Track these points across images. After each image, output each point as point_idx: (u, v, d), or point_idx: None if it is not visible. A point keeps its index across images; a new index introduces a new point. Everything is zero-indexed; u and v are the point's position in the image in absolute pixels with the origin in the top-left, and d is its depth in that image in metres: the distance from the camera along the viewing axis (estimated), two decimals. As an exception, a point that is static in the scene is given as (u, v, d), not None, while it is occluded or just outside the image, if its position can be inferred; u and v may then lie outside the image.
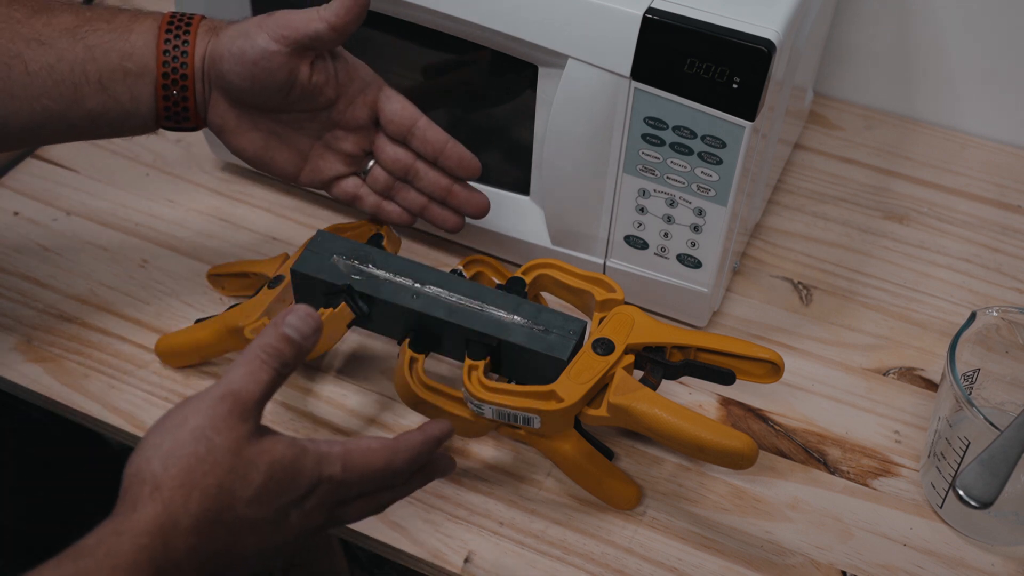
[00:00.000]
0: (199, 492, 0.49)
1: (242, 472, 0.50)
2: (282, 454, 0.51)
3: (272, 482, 0.51)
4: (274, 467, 0.51)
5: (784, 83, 0.72)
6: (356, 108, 0.71)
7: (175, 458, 0.49)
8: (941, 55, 0.97)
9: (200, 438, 0.50)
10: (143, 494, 0.49)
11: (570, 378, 0.65)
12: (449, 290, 0.69)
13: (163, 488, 0.49)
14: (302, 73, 0.67)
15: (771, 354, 0.66)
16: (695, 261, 0.75)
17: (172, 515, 0.48)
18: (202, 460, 0.49)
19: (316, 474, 0.52)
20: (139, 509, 0.48)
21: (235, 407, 0.51)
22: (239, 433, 0.51)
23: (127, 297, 0.82)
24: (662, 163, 0.71)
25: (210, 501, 0.49)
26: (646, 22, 0.66)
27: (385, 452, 0.55)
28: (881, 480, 0.72)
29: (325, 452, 0.53)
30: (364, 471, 0.54)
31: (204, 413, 0.51)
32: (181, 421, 0.51)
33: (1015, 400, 0.72)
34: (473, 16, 0.70)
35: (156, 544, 0.47)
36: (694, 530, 0.69)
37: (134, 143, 0.95)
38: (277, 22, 0.65)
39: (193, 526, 0.48)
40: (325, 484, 0.53)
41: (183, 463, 0.49)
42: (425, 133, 0.71)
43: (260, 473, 0.50)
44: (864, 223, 0.91)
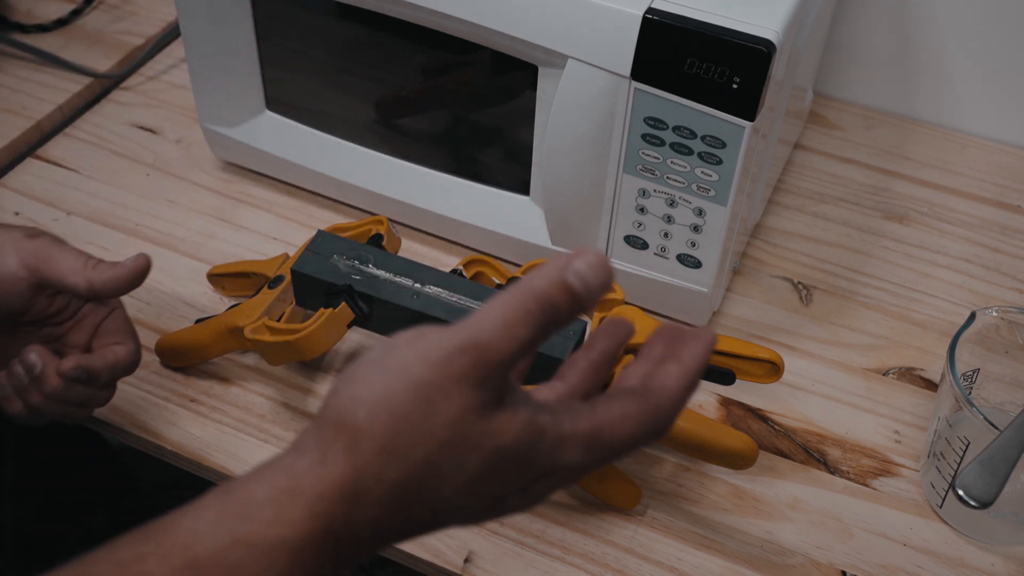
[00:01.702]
0: (400, 462, 0.39)
1: (460, 452, 0.40)
2: (514, 440, 0.41)
3: (493, 471, 0.41)
4: (501, 454, 0.41)
5: (784, 83, 0.72)
6: (81, 327, 0.67)
7: (384, 412, 0.39)
8: (941, 55, 0.97)
9: (421, 397, 0.39)
10: (338, 446, 0.40)
11: (570, 378, 0.64)
12: (449, 290, 0.69)
13: (362, 446, 0.39)
14: (40, 304, 0.64)
15: (771, 354, 0.66)
16: (695, 261, 0.75)
17: (362, 482, 0.40)
18: (415, 426, 0.39)
19: (551, 462, 0.42)
20: (327, 464, 0.40)
21: (475, 367, 0.40)
22: (470, 402, 0.40)
23: (127, 297, 0.82)
24: (662, 163, 0.71)
25: (410, 477, 0.40)
26: (646, 22, 0.66)
27: (645, 417, 0.43)
28: (881, 480, 0.73)
29: (568, 434, 0.42)
30: (615, 446, 0.43)
31: (434, 364, 0.40)
32: (402, 365, 0.40)
33: (1015, 400, 0.72)
34: (473, 16, 0.70)
35: (336, 513, 0.39)
36: (694, 530, 0.69)
37: (134, 143, 0.95)
38: (38, 256, 0.62)
39: (383, 499, 0.40)
40: (561, 472, 0.43)
41: (392, 423, 0.39)
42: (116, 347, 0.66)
43: (481, 459, 0.40)
44: (864, 223, 0.91)
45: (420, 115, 0.84)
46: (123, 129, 0.97)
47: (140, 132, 0.96)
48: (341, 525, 0.40)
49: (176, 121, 0.97)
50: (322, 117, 0.86)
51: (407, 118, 0.84)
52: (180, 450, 0.72)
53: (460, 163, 0.83)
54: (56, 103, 0.98)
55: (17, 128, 0.95)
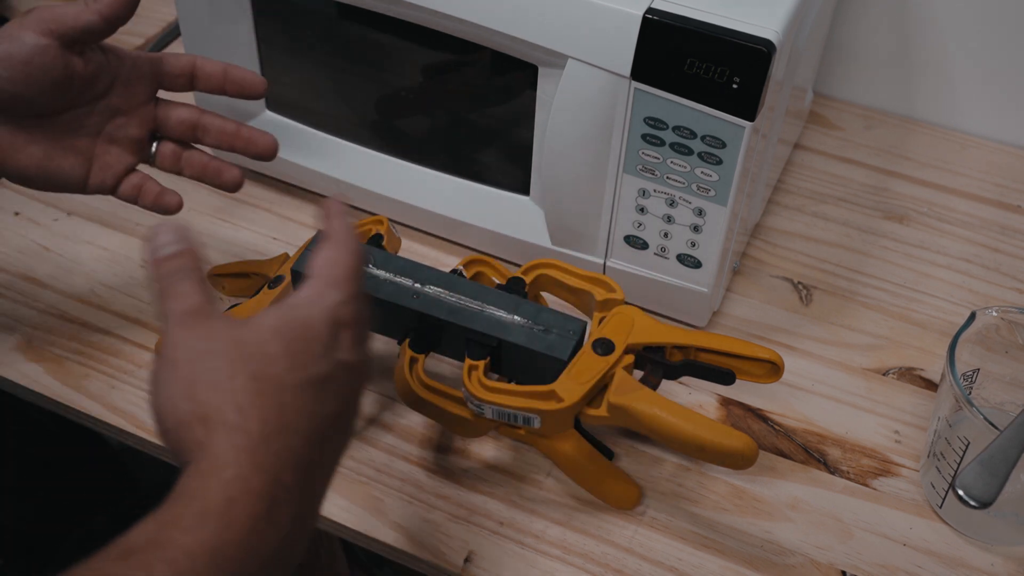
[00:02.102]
0: (243, 394, 0.45)
1: (258, 351, 0.46)
2: (275, 316, 0.48)
3: (290, 340, 0.47)
4: (279, 330, 0.47)
5: (784, 83, 0.72)
6: (133, 87, 0.69)
7: (195, 385, 0.45)
8: (941, 55, 0.97)
9: (198, 355, 0.46)
10: (198, 435, 0.44)
11: (570, 378, 0.65)
12: (449, 290, 0.69)
13: (210, 416, 0.44)
14: (76, 65, 0.64)
15: (771, 354, 0.66)
16: (695, 261, 0.75)
17: (240, 434, 0.44)
18: (218, 369, 0.45)
19: (322, 311, 0.49)
20: (207, 447, 0.44)
21: (193, 317, 0.48)
22: (221, 325, 0.47)
23: (127, 297, 0.82)
24: (662, 163, 0.71)
25: (259, 396, 0.45)
26: (646, 22, 0.66)
27: (338, 246, 0.52)
28: (881, 480, 0.73)
29: (309, 293, 0.50)
30: (350, 275, 0.51)
31: (180, 340, 0.47)
32: (168, 362, 0.47)
33: (1015, 400, 0.72)
34: (473, 16, 0.70)
35: (243, 471, 0.43)
36: (694, 530, 0.69)
37: (134, 143, 0.95)
38: (43, 17, 0.63)
39: (264, 430, 0.44)
40: (340, 311, 0.49)
41: (205, 382, 0.45)
42: (204, 67, 0.70)
43: (273, 342, 0.47)
44: (864, 223, 0.91)
45: (420, 115, 0.84)
46: (123, 129, 0.97)
47: (140, 132, 0.96)
48: (254, 476, 0.43)
49: (176, 121, 0.97)
50: (322, 117, 0.86)
51: (407, 118, 0.84)
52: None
53: (460, 163, 0.83)
54: (56, 103, 0.98)
55: (17, 128, 0.95)
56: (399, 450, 0.73)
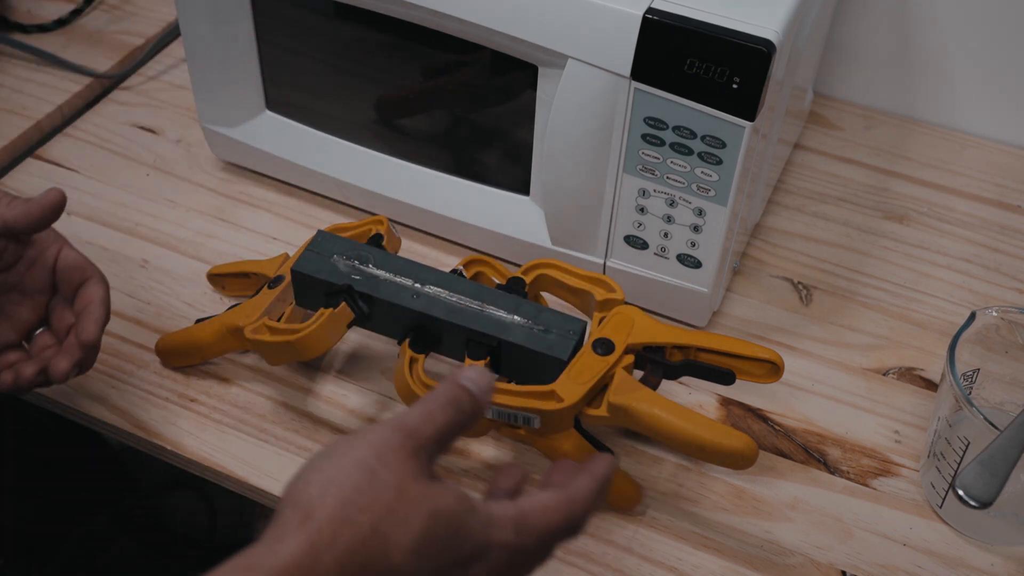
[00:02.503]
0: (350, 529, 0.44)
1: (402, 515, 0.45)
2: (448, 505, 0.46)
3: (434, 533, 0.45)
4: (438, 517, 0.45)
5: (784, 83, 0.72)
6: (34, 272, 0.67)
7: (334, 486, 0.45)
8: (941, 55, 0.97)
9: (364, 468, 0.45)
10: (293, 523, 0.44)
11: (570, 378, 0.65)
12: (449, 290, 0.69)
13: (314, 518, 0.44)
14: None
15: (771, 354, 0.66)
16: (695, 261, 0.75)
17: (316, 551, 0.43)
18: (361, 492, 0.44)
19: (484, 538, 0.47)
20: (285, 540, 0.43)
21: (407, 441, 0.47)
22: (407, 470, 0.46)
23: (127, 297, 0.82)
24: (662, 163, 0.71)
25: (360, 543, 0.44)
26: (646, 22, 0.66)
27: (564, 507, 0.50)
28: (881, 480, 0.72)
29: (498, 515, 0.48)
30: (542, 532, 0.49)
31: (372, 444, 0.46)
32: (347, 449, 0.46)
33: (1015, 400, 0.72)
34: (473, 16, 0.70)
35: (296, 558, 0.42)
36: (694, 530, 0.69)
37: (134, 143, 0.95)
38: None
39: (336, 566, 0.43)
40: (496, 551, 0.47)
41: (341, 493, 0.44)
42: (86, 290, 0.67)
43: (421, 519, 0.45)
44: (864, 223, 0.91)
45: (420, 115, 0.84)
46: (123, 129, 0.97)
47: (140, 132, 0.96)
48: None
49: (176, 121, 0.98)
50: (322, 117, 0.86)
51: (407, 118, 0.84)
52: (180, 450, 0.72)
53: (460, 163, 0.83)
54: (56, 103, 0.98)
55: (17, 128, 0.95)
56: (399, 450, 0.73)
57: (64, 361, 0.65)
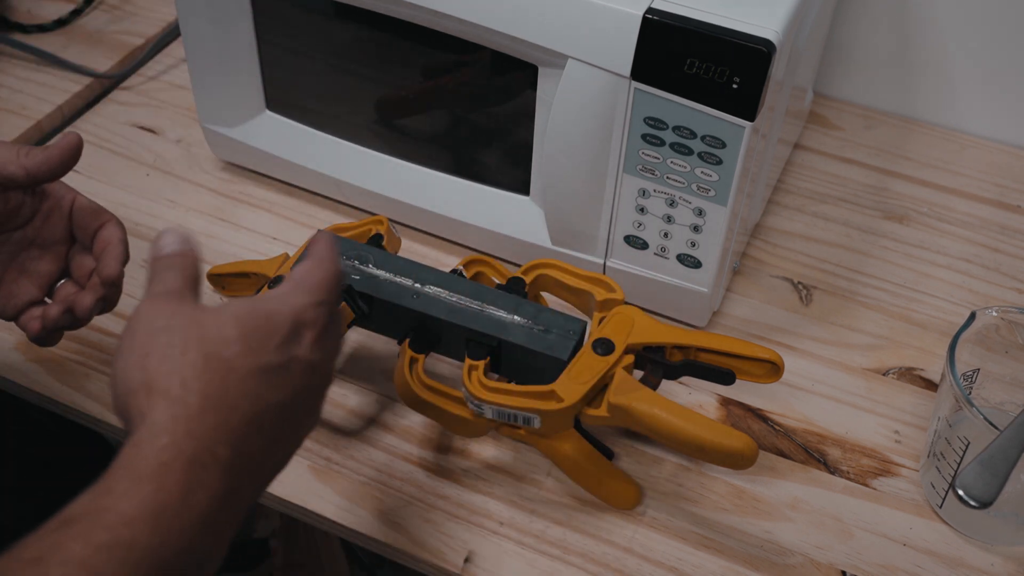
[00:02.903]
0: (189, 370, 0.46)
1: (215, 333, 0.48)
2: (239, 305, 0.50)
3: (249, 329, 0.48)
4: (240, 317, 0.49)
5: (784, 83, 0.72)
6: (51, 223, 0.68)
7: (147, 357, 0.47)
8: (941, 55, 0.97)
9: (157, 330, 0.48)
10: (141, 403, 0.46)
11: (570, 378, 0.65)
12: (449, 290, 0.69)
13: (155, 385, 0.46)
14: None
15: (771, 354, 0.66)
16: (695, 261, 0.75)
17: (179, 404, 0.45)
18: (172, 344, 0.47)
19: (288, 308, 0.50)
20: (147, 415, 0.45)
21: (167, 298, 0.50)
22: (187, 308, 0.49)
23: (127, 297, 0.82)
24: (662, 163, 0.71)
25: (204, 372, 0.46)
26: (646, 22, 0.66)
27: (318, 261, 0.53)
28: (881, 480, 0.73)
29: (280, 291, 0.52)
30: (324, 285, 0.52)
31: (144, 316, 0.49)
32: (130, 335, 0.49)
33: (1015, 400, 0.72)
34: (473, 16, 0.70)
35: (178, 439, 0.44)
36: (694, 530, 0.69)
37: (134, 143, 0.95)
38: None
39: (204, 403, 0.46)
40: (307, 311, 0.51)
41: (157, 354, 0.47)
42: (103, 235, 0.68)
43: (231, 327, 0.48)
44: (864, 223, 0.91)
45: (420, 115, 0.84)
46: (123, 129, 0.97)
47: (140, 132, 0.96)
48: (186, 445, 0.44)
49: (176, 121, 0.98)
50: (322, 117, 0.86)
51: (407, 118, 0.84)
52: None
53: (460, 163, 0.83)
54: (56, 103, 0.98)
55: (17, 128, 0.95)
56: (399, 450, 0.73)
57: (88, 297, 0.67)
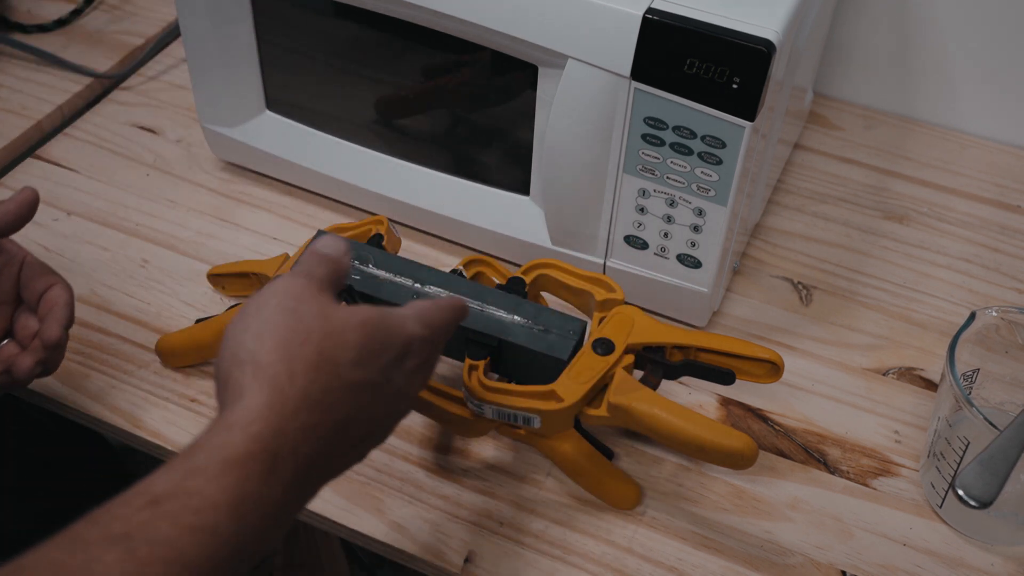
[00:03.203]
0: (301, 363, 0.46)
1: (338, 335, 0.48)
2: (370, 315, 0.50)
3: (369, 341, 0.49)
4: (367, 326, 0.49)
5: (784, 83, 0.72)
6: (0, 281, 0.67)
7: (268, 334, 0.47)
8: (941, 55, 0.97)
9: (286, 310, 0.48)
10: (245, 378, 0.46)
11: (570, 378, 0.65)
12: (449, 290, 0.69)
13: (264, 366, 0.46)
14: None
15: (771, 354, 0.66)
16: (695, 261, 0.75)
17: (279, 395, 0.45)
18: (295, 330, 0.47)
19: (405, 333, 0.51)
20: (246, 395, 0.45)
21: (309, 282, 0.50)
22: (322, 301, 0.50)
23: (127, 297, 0.82)
24: (662, 163, 0.71)
25: (314, 371, 0.46)
26: (646, 22, 0.66)
27: (440, 308, 0.55)
28: (881, 480, 0.73)
29: (403, 313, 0.53)
30: (438, 327, 0.54)
31: (281, 291, 0.49)
32: (261, 303, 0.49)
33: (1015, 400, 0.72)
34: (473, 16, 0.70)
35: (267, 430, 0.44)
36: (694, 530, 0.69)
37: (134, 143, 0.95)
38: None
39: (303, 402, 0.46)
40: (416, 343, 0.52)
41: (278, 336, 0.47)
42: (50, 294, 0.67)
43: (355, 333, 0.49)
44: (864, 223, 0.91)
45: (420, 115, 0.84)
46: (123, 129, 0.97)
47: (140, 132, 0.96)
48: (273, 438, 0.44)
49: (176, 121, 0.98)
50: (322, 117, 0.86)
51: (407, 118, 0.84)
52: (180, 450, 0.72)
53: (460, 163, 0.83)
54: (56, 103, 0.98)
55: (17, 128, 0.95)
56: (399, 450, 0.73)
57: (27, 360, 0.66)
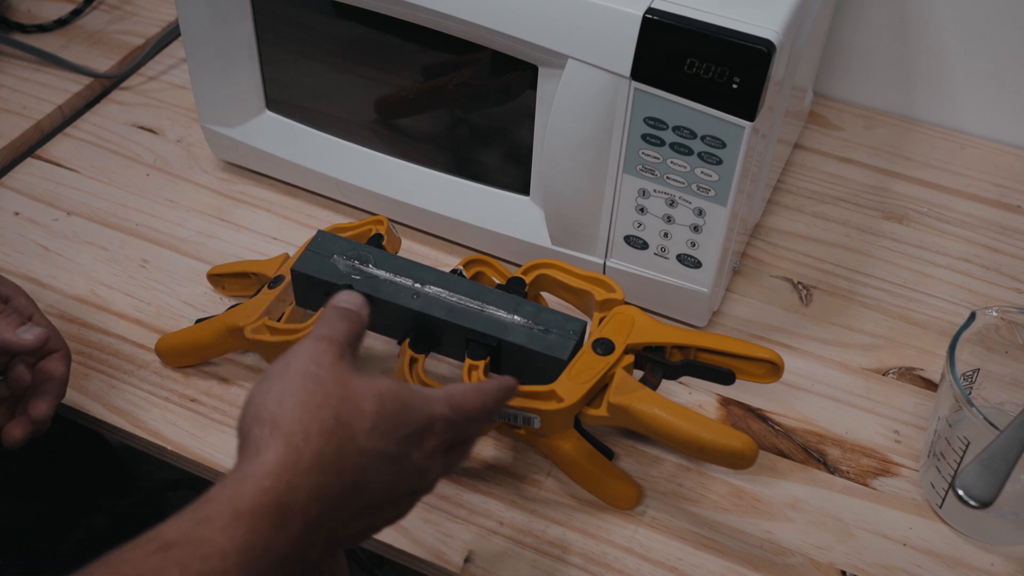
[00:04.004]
0: (317, 424, 0.48)
1: (355, 402, 0.49)
2: (388, 387, 0.51)
3: (385, 411, 0.50)
4: (384, 397, 0.50)
5: (784, 83, 0.72)
6: None
7: (288, 396, 0.49)
8: (941, 55, 0.97)
9: (307, 374, 0.50)
10: (263, 435, 0.48)
11: (570, 378, 0.65)
12: (449, 290, 0.69)
13: (281, 425, 0.48)
14: None
15: (771, 354, 0.66)
16: (695, 261, 0.75)
17: (294, 452, 0.47)
18: (313, 394, 0.49)
19: (427, 411, 0.52)
20: (262, 451, 0.47)
21: (331, 346, 0.52)
22: (342, 367, 0.51)
23: (127, 297, 0.82)
24: (662, 163, 0.71)
25: (329, 434, 0.48)
26: (646, 22, 0.66)
27: (479, 394, 0.55)
28: (881, 480, 0.73)
29: (429, 393, 0.53)
30: (468, 412, 0.54)
31: (304, 355, 0.51)
32: (284, 367, 0.51)
33: (1015, 400, 0.72)
34: (473, 16, 0.70)
35: (279, 485, 0.46)
36: (694, 530, 0.69)
37: (134, 143, 0.95)
38: None
39: (316, 462, 0.47)
40: (439, 423, 0.52)
41: (297, 398, 0.49)
42: (48, 365, 0.68)
43: (372, 402, 0.50)
44: (864, 223, 0.91)
45: (420, 115, 0.84)
46: (123, 129, 0.97)
47: (140, 132, 0.96)
48: (285, 494, 0.46)
49: (176, 121, 0.98)
50: (322, 117, 0.86)
51: (407, 118, 0.84)
52: (180, 450, 0.72)
53: (460, 163, 0.83)
54: (56, 103, 0.98)
55: (17, 128, 0.95)
56: (399, 450, 0.73)
57: (18, 431, 0.67)
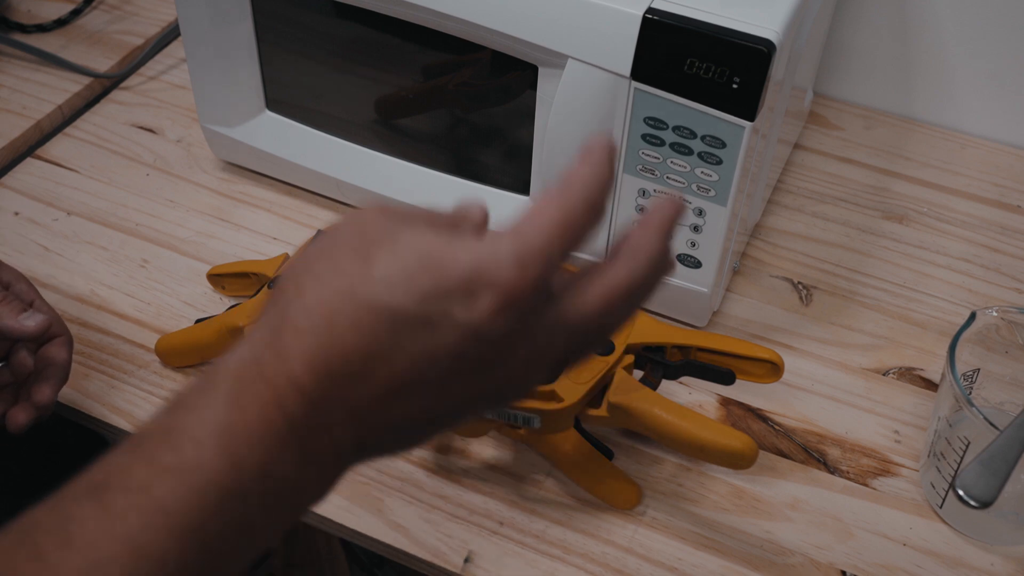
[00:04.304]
0: (311, 278, 0.39)
1: (366, 248, 0.39)
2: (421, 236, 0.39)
3: (402, 259, 0.38)
4: (405, 246, 0.38)
5: (784, 83, 0.72)
6: None
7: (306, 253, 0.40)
8: (941, 55, 0.97)
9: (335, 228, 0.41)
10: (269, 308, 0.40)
11: (570, 378, 0.65)
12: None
13: (280, 286, 0.40)
14: None
15: (771, 354, 0.66)
16: (695, 261, 0.75)
17: (278, 314, 0.39)
18: (322, 244, 0.40)
19: (474, 266, 0.38)
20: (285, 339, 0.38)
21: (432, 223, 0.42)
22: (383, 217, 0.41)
23: (127, 297, 0.82)
24: (662, 163, 0.71)
25: (320, 285, 0.38)
26: (646, 22, 0.66)
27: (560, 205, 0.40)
28: (881, 480, 0.73)
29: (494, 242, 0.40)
30: (540, 246, 0.40)
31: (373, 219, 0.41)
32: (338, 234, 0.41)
33: (1015, 400, 0.72)
34: (473, 16, 0.70)
35: (259, 351, 0.39)
36: (694, 530, 0.69)
37: (134, 143, 0.95)
38: None
39: (303, 320, 0.38)
40: (490, 292, 0.38)
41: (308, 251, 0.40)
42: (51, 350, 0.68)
43: (385, 249, 0.38)
44: (864, 223, 0.91)
45: (420, 115, 0.84)
46: (123, 129, 0.97)
47: (140, 132, 0.96)
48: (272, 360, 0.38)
49: (176, 121, 0.98)
50: (322, 117, 0.86)
51: (407, 118, 0.84)
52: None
53: (460, 163, 0.83)
54: (56, 103, 0.98)
55: (17, 128, 0.95)
56: (399, 450, 0.73)
57: (22, 416, 0.66)
